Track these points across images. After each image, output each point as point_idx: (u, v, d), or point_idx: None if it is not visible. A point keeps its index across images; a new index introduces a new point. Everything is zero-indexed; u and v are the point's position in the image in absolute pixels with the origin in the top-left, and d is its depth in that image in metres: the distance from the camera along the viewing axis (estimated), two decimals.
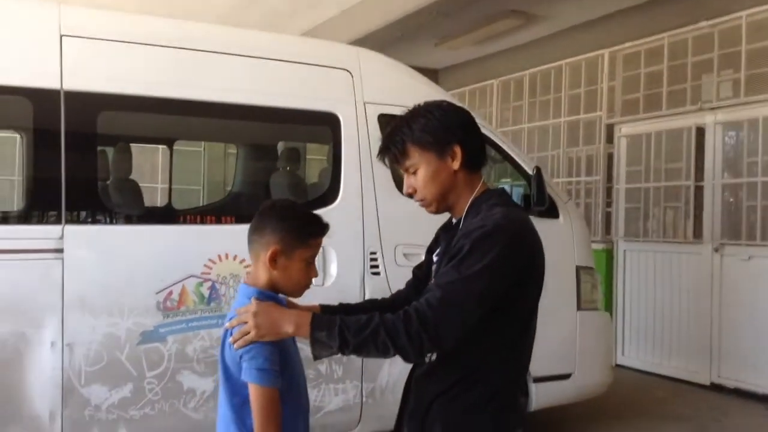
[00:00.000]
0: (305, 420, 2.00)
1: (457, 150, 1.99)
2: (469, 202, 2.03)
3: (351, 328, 1.80)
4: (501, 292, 1.86)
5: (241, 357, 1.82)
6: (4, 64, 3.43)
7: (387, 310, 1.97)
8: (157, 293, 3.62)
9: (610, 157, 7.73)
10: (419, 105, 2.07)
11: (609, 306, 7.47)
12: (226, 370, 1.90)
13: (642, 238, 7.31)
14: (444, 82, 10.65)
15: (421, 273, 2.25)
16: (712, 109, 6.61)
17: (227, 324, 1.91)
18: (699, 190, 6.75)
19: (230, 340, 1.85)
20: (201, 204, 8.97)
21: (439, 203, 2.04)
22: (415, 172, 2.02)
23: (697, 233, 6.77)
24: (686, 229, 6.91)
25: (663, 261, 7.07)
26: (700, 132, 6.74)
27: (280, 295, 1.98)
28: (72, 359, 3.46)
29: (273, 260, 1.92)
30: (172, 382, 3.66)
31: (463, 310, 1.82)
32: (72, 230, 3.48)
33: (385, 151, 2.04)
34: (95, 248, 3.54)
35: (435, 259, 2.11)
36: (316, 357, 1.85)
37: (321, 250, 3.90)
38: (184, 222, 4.09)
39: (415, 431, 1.99)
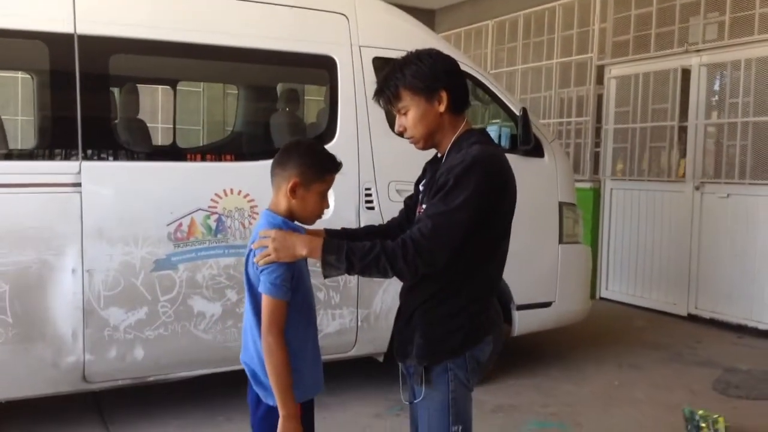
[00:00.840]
0: (315, 330, 2.31)
1: (444, 95, 2.24)
2: (453, 140, 2.30)
3: (357, 253, 2.08)
4: (480, 219, 2.15)
5: (261, 272, 2.11)
6: (21, 10, 3.65)
7: (382, 235, 2.29)
8: (168, 225, 3.92)
9: (599, 98, 7.95)
10: (411, 52, 2.31)
11: (595, 242, 7.84)
12: (249, 283, 2.19)
13: (628, 177, 7.60)
14: (440, 22, 10.75)
15: (411, 202, 2.53)
16: (698, 51, 6.82)
17: (251, 245, 2.19)
18: (683, 130, 7.01)
19: (254, 259, 2.14)
20: (201, 142, 9.18)
21: (426, 141, 2.31)
22: (406, 113, 2.27)
23: (680, 172, 7.05)
24: (670, 168, 7.18)
25: (647, 199, 7.39)
26: (686, 73, 6.95)
27: (296, 223, 2.25)
28: (91, 284, 3.77)
29: (293, 191, 2.19)
30: (184, 306, 3.99)
31: (450, 237, 2.10)
32: (88, 166, 3.75)
33: (380, 94, 2.29)
34: (110, 183, 3.82)
35: (421, 188, 2.39)
36: (326, 276, 2.16)
37: None
38: (191, 159, 4.36)
39: (400, 335, 2.31)
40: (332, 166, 2.26)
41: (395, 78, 2.24)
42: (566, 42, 8.33)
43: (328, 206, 2.31)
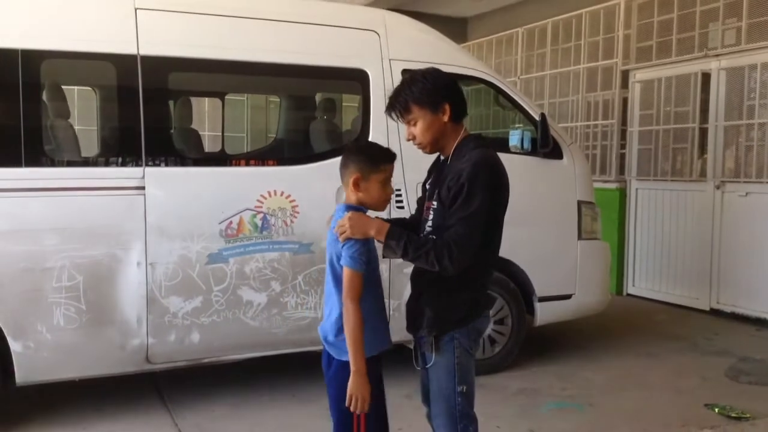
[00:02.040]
0: (382, 296, 2.72)
1: (446, 107, 2.66)
2: (455, 145, 2.71)
3: (413, 244, 2.52)
4: (490, 213, 2.56)
5: (342, 248, 2.54)
6: (91, 35, 4.17)
7: (409, 226, 2.72)
8: (219, 223, 4.40)
9: (624, 102, 8.25)
10: (415, 71, 2.74)
11: (621, 241, 8.15)
12: (330, 260, 2.63)
13: (652, 177, 7.89)
14: (472, 30, 11.15)
15: (421, 201, 2.95)
16: (717, 55, 7.10)
17: (332, 230, 2.62)
18: (703, 132, 7.29)
19: (339, 238, 2.55)
20: (245, 149, 9.71)
21: (432, 146, 2.73)
22: (415, 124, 2.69)
23: (702, 172, 7.33)
24: (692, 168, 7.46)
25: (670, 198, 7.68)
26: (706, 77, 7.23)
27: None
28: (154, 276, 4.27)
29: (356, 185, 2.62)
30: (234, 296, 4.46)
31: (477, 236, 2.53)
32: (151, 171, 4.26)
33: (392, 108, 2.72)
34: (169, 186, 4.32)
35: (428, 188, 2.81)
36: (384, 256, 2.60)
37: None
38: (239, 164, 4.85)
39: (412, 310, 2.72)
40: (384, 156, 2.67)
41: (404, 94, 2.66)
42: (592, 48, 8.64)
43: (392, 191, 2.68)
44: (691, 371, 5.35)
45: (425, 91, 2.63)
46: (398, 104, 2.67)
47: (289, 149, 5.86)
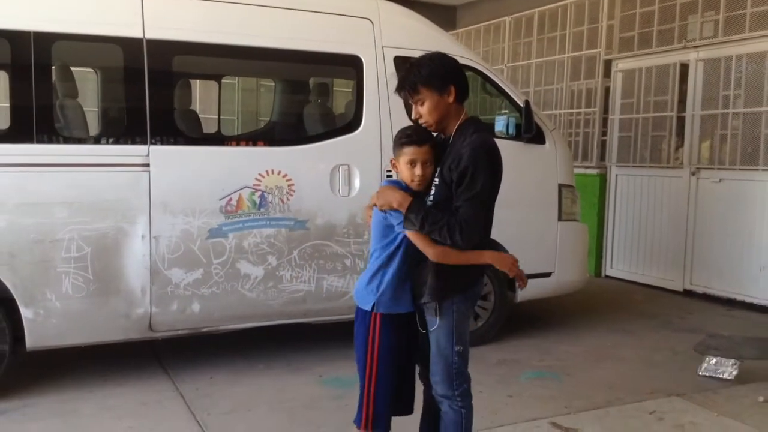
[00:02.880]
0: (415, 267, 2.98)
1: (452, 89, 2.90)
2: (457, 126, 2.96)
3: (429, 219, 2.76)
4: (491, 192, 2.83)
5: (390, 216, 2.85)
6: (100, 19, 4.38)
7: None
8: (219, 200, 4.65)
9: (607, 91, 8.54)
10: (424, 55, 2.98)
11: (601, 225, 8.47)
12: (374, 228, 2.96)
13: (632, 163, 8.20)
14: (461, 18, 11.36)
15: None
16: (695, 47, 7.40)
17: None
18: (681, 121, 7.60)
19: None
20: (237, 131, 9.91)
21: (438, 125, 2.96)
22: (422, 104, 2.92)
23: (678, 159, 7.65)
24: (669, 155, 7.77)
25: (648, 184, 8.00)
26: (684, 68, 7.54)
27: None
28: (157, 248, 4.52)
29: (393, 165, 2.95)
30: (232, 269, 4.72)
31: (482, 215, 2.80)
32: (155, 149, 4.49)
33: (401, 88, 2.95)
34: (173, 164, 4.55)
35: None
36: (405, 228, 2.83)
37: (347, 167, 4.92)
38: (238, 145, 5.09)
39: (416, 279, 2.97)
40: (403, 141, 2.90)
41: (414, 76, 2.89)
42: (577, 38, 8.92)
43: (419, 173, 2.86)
44: (662, 346, 5.68)
45: (434, 73, 2.85)
46: (407, 85, 2.89)
47: (286, 131, 6.08)
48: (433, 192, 2.88)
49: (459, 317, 2.90)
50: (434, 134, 2.97)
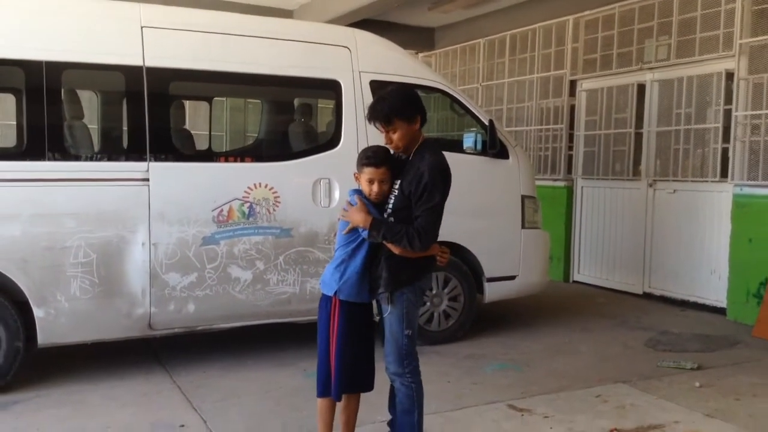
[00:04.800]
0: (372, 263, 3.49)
1: (417, 118, 3.43)
2: (416, 147, 3.49)
3: (389, 233, 3.28)
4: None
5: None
6: (105, 48, 4.91)
7: None
8: (212, 210, 5.15)
9: (572, 108, 9.15)
10: (393, 88, 3.54)
11: (568, 233, 9.05)
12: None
13: (596, 176, 8.79)
14: (439, 39, 11.96)
15: None
16: (651, 68, 8.02)
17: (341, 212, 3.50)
18: (639, 136, 8.20)
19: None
20: (225, 147, 10.41)
21: (406, 149, 3.47)
22: (394, 132, 3.41)
23: (636, 172, 8.25)
24: (629, 168, 8.37)
25: (611, 195, 8.59)
26: (641, 88, 8.15)
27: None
28: (156, 254, 5.01)
29: (357, 178, 3.47)
30: (224, 273, 5.22)
31: (438, 224, 3.35)
32: (154, 165, 5.00)
33: (375, 119, 3.42)
34: (170, 178, 5.06)
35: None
36: (369, 239, 3.35)
37: (328, 181, 5.40)
38: (229, 161, 5.61)
39: (372, 275, 3.46)
40: (364, 162, 3.41)
41: (387, 108, 3.36)
42: (545, 59, 9.53)
43: (377, 190, 3.37)
44: (616, 342, 6.23)
45: (404, 106, 3.37)
46: (381, 116, 3.37)
47: (273, 147, 6.59)
48: (392, 201, 3.40)
49: (408, 305, 3.43)
50: (393, 152, 3.47)
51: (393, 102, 3.37)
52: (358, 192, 3.47)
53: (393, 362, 3.46)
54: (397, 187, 3.43)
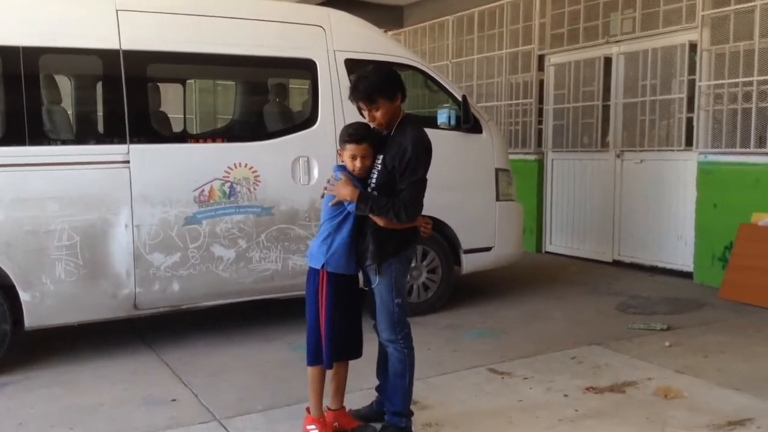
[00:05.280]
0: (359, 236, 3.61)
1: (398, 95, 3.54)
2: (397, 123, 3.60)
3: (376, 206, 3.40)
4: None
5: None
6: (81, 32, 4.94)
7: None
8: (193, 191, 5.22)
9: (541, 83, 9.32)
10: (373, 68, 3.61)
11: (540, 205, 9.27)
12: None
13: (565, 148, 9.00)
14: (408, 17, 12.03)
15: None
16: (617, 41, 8.21)
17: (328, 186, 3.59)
18: (606, 108, 8.41)
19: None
20: (195, 129, 10.40)
21: (387, 125, 3.58)
22: (377, 110, 3.50)
23: (604, 143, 8.47)
24: (597, 140, 8.58)
25: (580, 167, 8.81)
26: (608, 61, 8.35)
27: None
28: (139, 236, 5.08)
29: (339, 154, 3.60)
30: (207, 252, 5.30)
31: (422, 196, 3.47)
32: (134, 148, 5.05)
33: (357, 98, 3.50)
34: (151, 160, 5.11)
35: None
36: (357, 212, 3.46)
37: (306, 159, 5.49)
38: (207, 141, 5.67)
39: (360, 247, 3.59)
40: (346, 138, 3.53)
41: (369, 87, 3.45)
42: (513, 35, 9.67)
43: (359, 165, 3.49)
44: (588, 307, 6.46)
45: (386, 84, 3.47)
46: (364, 96, 3.46)
47: (251, 128, 6.63)
48: (375, 176, 3.52)
49: (396, 275, 3.56)
50: (374, 128, 3.58)
51: (374, 80, 3.46)
52: (342, 168, 3.58)
53: (385, 330, 3.60)
54: (379, 162, 3.54)
